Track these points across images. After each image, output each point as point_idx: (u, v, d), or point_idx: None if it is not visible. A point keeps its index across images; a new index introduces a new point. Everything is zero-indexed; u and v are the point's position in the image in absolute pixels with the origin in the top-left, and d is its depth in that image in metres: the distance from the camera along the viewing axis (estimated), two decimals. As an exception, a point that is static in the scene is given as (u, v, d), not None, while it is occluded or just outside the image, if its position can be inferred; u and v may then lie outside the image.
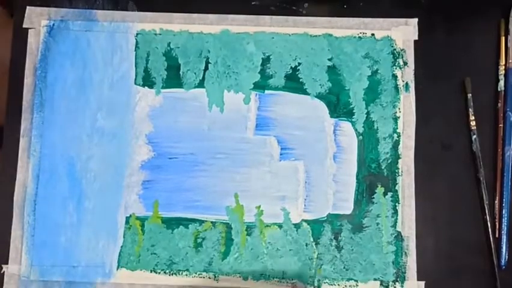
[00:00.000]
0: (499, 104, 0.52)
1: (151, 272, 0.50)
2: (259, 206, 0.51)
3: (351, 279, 0.50)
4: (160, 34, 0.53)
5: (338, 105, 0.52)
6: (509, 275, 0.50)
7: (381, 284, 0.50)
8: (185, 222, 0.51)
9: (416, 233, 0.51)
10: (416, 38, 0.53)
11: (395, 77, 0.53)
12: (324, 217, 0.51)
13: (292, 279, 0.50)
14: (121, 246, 0.51)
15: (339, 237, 0.51)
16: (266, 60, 0.53)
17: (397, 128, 0.52)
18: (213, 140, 0.52)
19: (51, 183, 0.51)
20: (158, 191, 0.51)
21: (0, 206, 0.51)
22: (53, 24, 0.53)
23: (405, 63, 0.53)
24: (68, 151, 0.52)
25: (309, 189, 0.51)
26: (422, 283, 0.50)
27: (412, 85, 0.53)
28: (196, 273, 0.50)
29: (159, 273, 0.50)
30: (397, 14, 0.54)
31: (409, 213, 0.51)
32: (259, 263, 0.50)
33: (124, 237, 0.51)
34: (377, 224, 0.51)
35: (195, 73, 0.53)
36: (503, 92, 0.53)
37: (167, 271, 0.50)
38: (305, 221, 0.51)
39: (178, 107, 0.53)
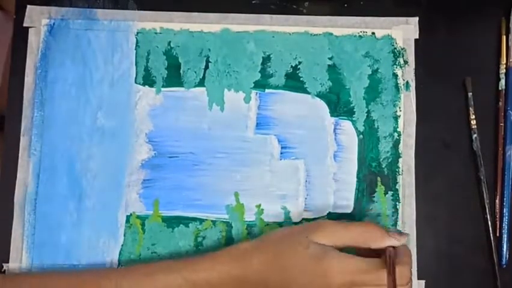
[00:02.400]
0: (500, 103, 0.52)
1: (151, 270, 0.50)
2: (260, 205, 0.51)
3: (352, 278, 0.50)
4: (160, 33, 0.53)
5: (338, 104, 0.52)
6: (510, 273, 0.50)
7: (381, 283, 0.50)
8: (185, 221, 0.51)
9: (417, 232, 0.51)
10: (417, 37, 0.53)
11: (395, 75, 0.53)
12: (324, 216, 0.51)
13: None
14: (122, 245, 0.51)
15: (340, 236, 0.51)
16: (266, 59, 0.53)
17: (397, 127, 0.52)
18: (213, 139, 0.52)
19: (51, 182, 0.51)
20: (158, 189, 0.51)
21: (1, 205, 0.51)
22: (54, 23, 0.53)
23: (405, 62, 0.53)
24: (69, 150, 0.52)
25: (310, 188, 0.51)
26: (423, 282, 0.50)
27: (413, 84, 0.53)
28: (196, 272, 0.50)
29: (159, 272, 0.50)
30: (398, 13, 0.54)
31: (409, 212, 0.51)
32: (259, 262, 0.50)
33: (124, 236, 0.51)
34: (378, 223, 0.51)
35: (195, 72, 0.53)
36: (503, 91, 0.53)
37: (167, 270, 0.50)
38: (306, 219, 0.51)
39: (178, 106, 0.53)
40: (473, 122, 0.52)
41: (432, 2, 0.54)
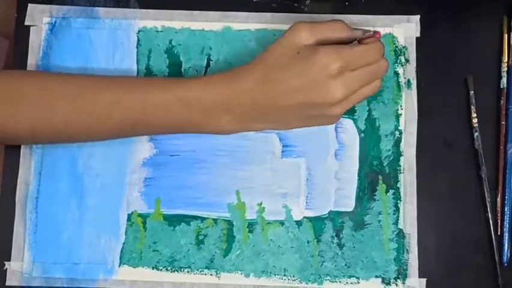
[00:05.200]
0: (501, 102, 0.52)
1: (152, 269, 0.50)
2: (261, 203, 0.51)
3: (353, 276, 0.50)
4: (161, 31, 0.53)
5: (339, 102, 0.52)
6: (511, 272, 0.50)
7: (382, 281, 0.50)
8: (187, 219, 0.51)
9: (418, 231, 0.51)
10: (418, 35, 0.53)
11: (396, 74, 0.53)
12: (325, 214, 0.51)
13: None
14: (123, 243, 0.51)
15: (341, 235, 0.51)
16: (268, 58, 0.53)
17: (399, 126, 0.52)
18: (214, 137, 0.52)
19: (53, 180, 0.51)
20: (160, 188, 0.51)
21: (3, 204, 0.51)
22: (55, 22, 0.53)
23: (407, 61, 0.53)
24: (70, 148, 0.52)
25: (311, 186, 0.51)
26: (424, 280, 0.50)
27: (414, 82, 0.53)
28: (197, 270, 0.50)
29: (161, 270, 0.50)
30: (399, 11, 0.54)
31: (411, 210, 0.51)
32: (260, 260, 0.50)
33: (125, 234, 0.51)
34: (379, 221, 0.51)
35: (197, 70, 0.53)
36: (505, 90, 0.52)
37: (169, 268, 0.50)
38: (307, 218, 0.51)
39: (179, 104, 0.52)
40: (475, 121, 0.52)
41: (434, 0, 0.54)
